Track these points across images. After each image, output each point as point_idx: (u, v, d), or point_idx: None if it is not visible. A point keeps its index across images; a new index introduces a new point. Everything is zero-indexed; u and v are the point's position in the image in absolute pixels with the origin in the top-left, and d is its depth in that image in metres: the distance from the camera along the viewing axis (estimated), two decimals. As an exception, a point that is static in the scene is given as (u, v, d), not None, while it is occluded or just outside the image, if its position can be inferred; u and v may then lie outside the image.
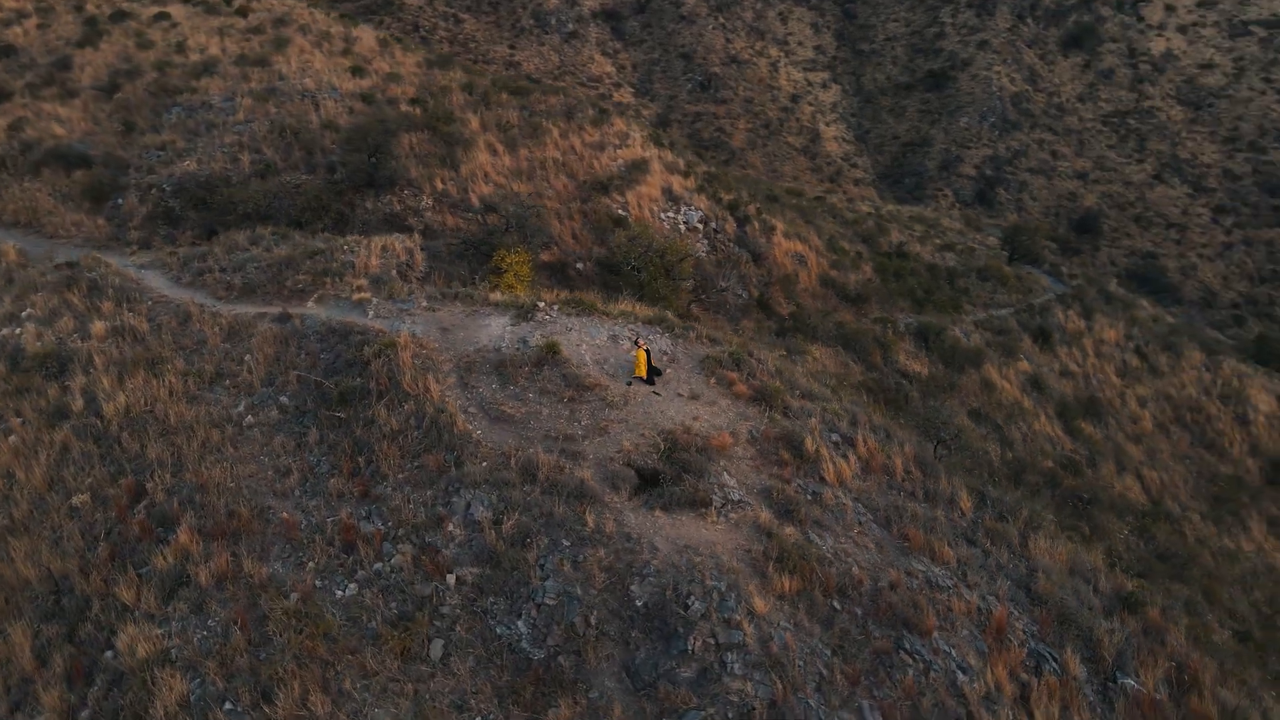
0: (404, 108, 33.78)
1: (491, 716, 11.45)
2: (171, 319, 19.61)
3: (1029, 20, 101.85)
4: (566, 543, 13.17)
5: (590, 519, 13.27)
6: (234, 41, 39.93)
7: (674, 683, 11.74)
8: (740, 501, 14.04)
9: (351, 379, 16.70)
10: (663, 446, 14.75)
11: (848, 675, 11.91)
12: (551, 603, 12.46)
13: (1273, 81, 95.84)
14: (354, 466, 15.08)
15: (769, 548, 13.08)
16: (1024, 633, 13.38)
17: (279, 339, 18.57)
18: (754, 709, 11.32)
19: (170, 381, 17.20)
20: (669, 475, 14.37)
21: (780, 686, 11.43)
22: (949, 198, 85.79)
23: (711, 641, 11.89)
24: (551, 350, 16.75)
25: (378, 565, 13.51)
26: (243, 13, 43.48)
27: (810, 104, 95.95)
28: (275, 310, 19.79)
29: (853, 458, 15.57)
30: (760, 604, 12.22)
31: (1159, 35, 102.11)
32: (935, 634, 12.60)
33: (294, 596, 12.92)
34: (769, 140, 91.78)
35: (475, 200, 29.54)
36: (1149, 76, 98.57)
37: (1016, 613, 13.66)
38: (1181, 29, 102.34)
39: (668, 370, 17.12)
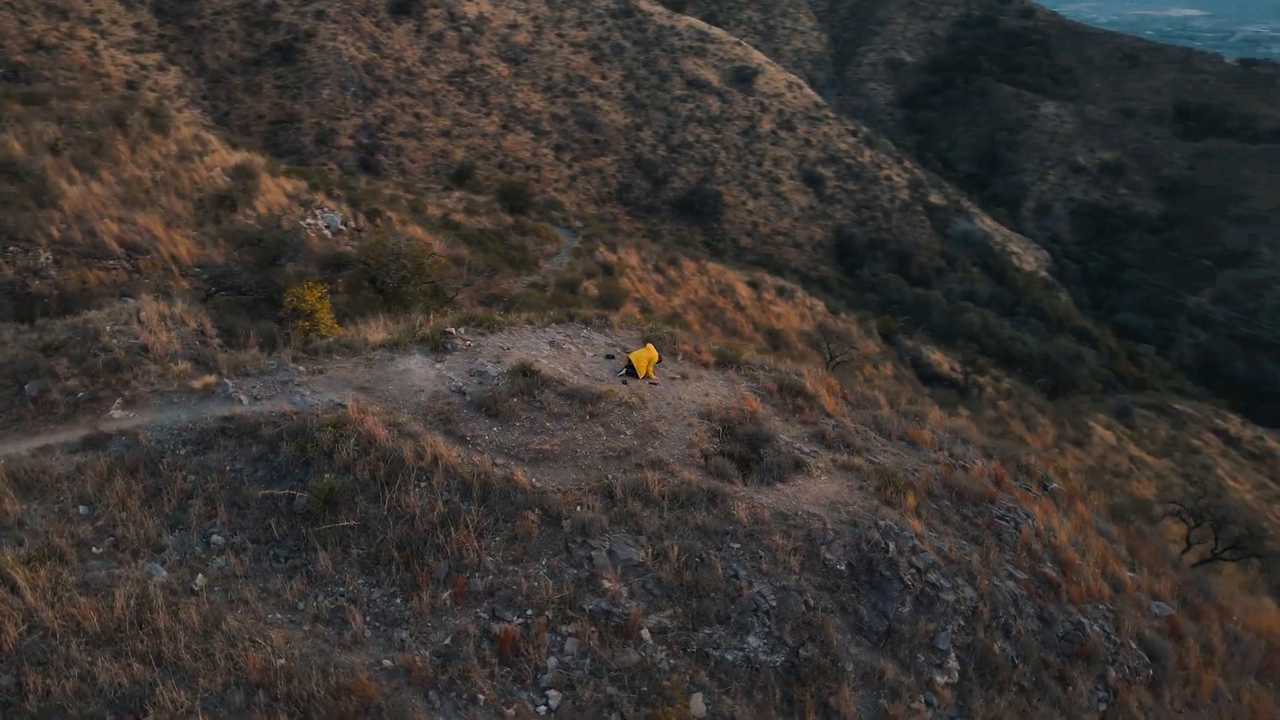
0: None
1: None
2: (-109, 498, 12.38)
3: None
4: (735, 545, 12.71)
5: (741, 514, 12.94)
6: None
7: (904, 621, 12.57)
8: (812, 452, 14.85)
9: (318, 478, 12.89)
10: (720, 428, 14.67)
11: (992, 552, 14.01)
12: (775, 604, 12.12)
13: (565, 36, 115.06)
14: (429, 573, 12.04)
15: (874, 481, 14.29)
16: (1008, 478, 16.87)
17: (126, 470, 13.15)
18: (976, 608, 12.82)
19: (25, 577, 11.23)
20: (738, 453, 14.47)
21: (981, 580, 13.07)
22: (335, 170, 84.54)
23: (913, 571, 12.91)
24: (528, 372, 14.98)
25: (552, 659, 11.43)
26: None
27: (152, 90, 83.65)
28: (63, 438, 13.75)
29: (823, 389, 17.25)
30: (916, 524, 13.54)
31: (470, 0, 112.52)
32: (997, 498, 15.32)
33: (512, 737, 10.39)
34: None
35: (114, 244, 22.69)
36: (473, 38, 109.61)
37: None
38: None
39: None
